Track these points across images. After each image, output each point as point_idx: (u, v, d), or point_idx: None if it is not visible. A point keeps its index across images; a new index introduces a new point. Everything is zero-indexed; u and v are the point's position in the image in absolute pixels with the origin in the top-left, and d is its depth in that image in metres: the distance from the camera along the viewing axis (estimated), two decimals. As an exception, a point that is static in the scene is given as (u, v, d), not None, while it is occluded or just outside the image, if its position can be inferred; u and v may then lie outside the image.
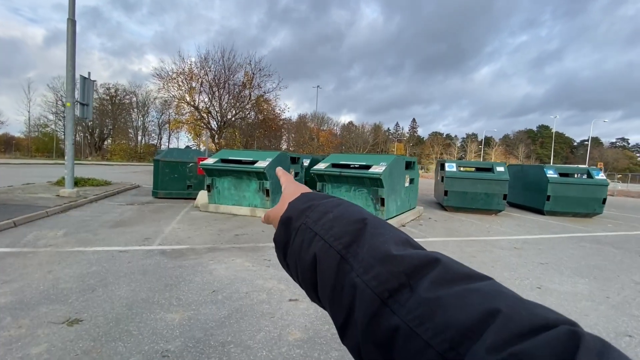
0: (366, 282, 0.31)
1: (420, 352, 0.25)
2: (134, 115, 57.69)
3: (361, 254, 0.33)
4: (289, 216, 0.42)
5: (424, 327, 0.26)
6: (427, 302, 0.27)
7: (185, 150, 10.20)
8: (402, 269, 0.30)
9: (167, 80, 20.04)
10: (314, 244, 0.37)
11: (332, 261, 0.34)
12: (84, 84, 7.99)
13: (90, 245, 4.36)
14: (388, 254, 0.32)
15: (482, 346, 0.23)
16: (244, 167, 6.95)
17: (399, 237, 0.35)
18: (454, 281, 0.28)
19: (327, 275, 0.35)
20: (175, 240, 4.82)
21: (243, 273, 3.60)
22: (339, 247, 0.35)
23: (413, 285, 0.29)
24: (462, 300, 0.26)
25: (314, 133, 47.27)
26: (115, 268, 3.56)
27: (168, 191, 9.13)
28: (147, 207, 7.64)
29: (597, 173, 9.35)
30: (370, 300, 0.30)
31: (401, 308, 0.28)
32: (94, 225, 5.46)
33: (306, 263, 0.37)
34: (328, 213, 0.39)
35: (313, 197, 0.43)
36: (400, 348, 0.27)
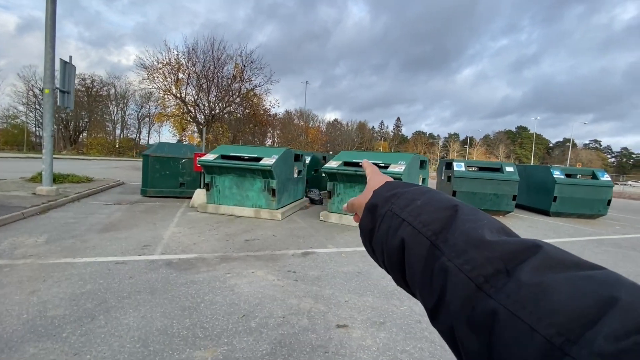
0: (458, 266, 0.30)
1: (524, 337, 0.23)
2: (112, 108, 55.14)
3: (452, 239, 0.32)
4: (374, 203, 0.42)
5: (527, 311, 0.24)
6: (529, 287, 0.25)
7: (177, 145, 9.45)
8: (498, 254, 0.29)
9: (151, 71, 18.91)
10: (402, 229, 0.37)
11: (422, 246, 0.34)
12: (64, 69, 7.13)
13: (80, 255, 3.69)
14: (482, 240, 0.30)
15: (599, 334, 0.21)
16: (249, 164, 6.35)
17: (493, 224, 0.33)
18: (559, 268, 0.26)
19: (416, 260, 0.34)
20: (180, 247, 4.21)
21: (270, 290, 3.06)
22: (428, 233, 0.34)
23: (510, 270, 0.27)
24: (572, 286, 0.24)
25: (302, 129, 46.56)
26: (115, 286, 2.94)
27: (159, 189, 8.38)
28: (137, 207, 6.91)
29: (602, 174, 9.29)
30: (463, 284, 0.29)
31: (498, 292, 0.26)
32: (81, 230, 4.75)
33: (393, 248, 0.37)
34: (415, 200, 0.39)
35: (398, 185, 0.44)
36: (500, 332, 0.25)
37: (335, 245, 4.73)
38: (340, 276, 3.52)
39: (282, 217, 6.43)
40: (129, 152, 53.13)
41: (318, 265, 3.85)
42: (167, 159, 8.39)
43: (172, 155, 8.44)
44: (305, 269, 3.67)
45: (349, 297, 3.00)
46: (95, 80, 50.33)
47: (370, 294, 3.10)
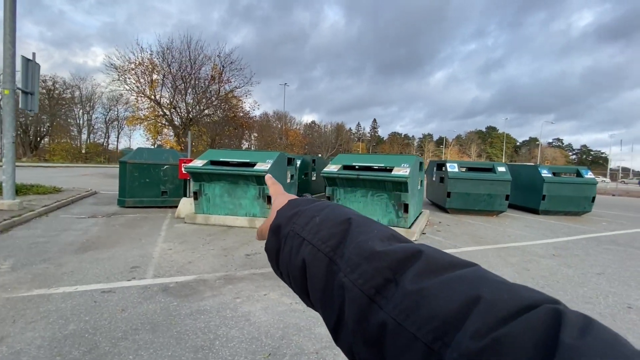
0: (353, 281, 0.31)
1: (409, 346, 0.25)
2: (76, 111, 51.96)
3: (347, 253, 0.33)
4: (278, 224, 0.42)
5: (410, 321, 0.26)
6: (412, 294, 0.27)
7: (157, 150, 8.76)
8: (387, 264, 0.30)
9: (122, 72, 17.76)
10: (303, 248, 0.37)
11: (321, 264, 0.34)
12: (27, 67, 6.35)
13: (56, 283, 3.13)
14: (372, 251, 0.31)
15: (466, 334, 0.23)
16: (242, 170, 5.89)
17: (384, 232, 0.35)
18: (437, 271, 0.28)
19: (316, 279, 0.35)
20: (174, 267, 3.71)
21: (291, 317, 2.67)
22: (326, 250, 0.35)
23: (398, 279, 0.29)
24: (445, 289, 0.26)
25: (282, 132, 45.83)
26: (105, 323, 2.44)
27: (138, 199, 7.69)
28: (116, 219, 6.25)
29: (585, 172, 9.53)
30: (358, 298, 0.30)
31: (388, 303, 0.28)
32: (53, 251, 4.12)
33: (296, 268, 0.37)
34: (314, 217, 0.39)
35: (299, 203, 0.43)
36: (390, 344, 0.27)
37: (344, 257, 4.38)
38: (363, 294, 3.18)
39: (278, 226, 6.00)
40: (97, 157, 50.30)
41: (334, 281, 3.48)
42: (147, 165, 7.73)
43: (153, 162, 7.79)
44: (322, 288, 3.30)
45: (382, 321, 2.66)
46: (57, 82, 47.30)
47: (402, 315, 2.77)
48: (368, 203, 5.83)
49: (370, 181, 5.60)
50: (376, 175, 5.50)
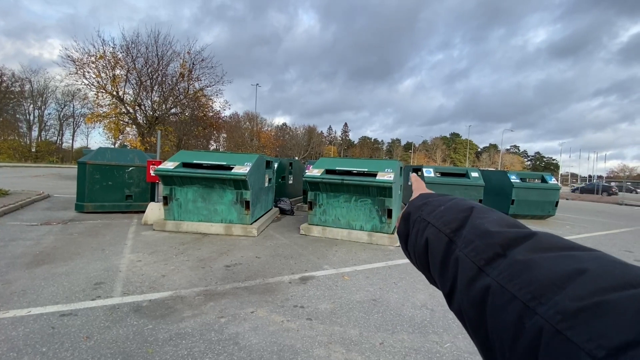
0: (466, 254, 0.35)
1: (507, 304, 0.27)
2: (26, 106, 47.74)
3: (465, 233, 0.37)
4: (408, 212, 0.49)
5: (512, 283, 0.28)
6: (518, 264, 0.29)
7: (122, 150, 8.08)
8: (499, 241, 0.33)
9: (81, 65, 16.41)
10: (427, 230, 0.42)
11: (441, 242, 0.39)
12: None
13: (4, 305, 2.66)
14: (486, 231, 0.35)
15: (566, 296, 0.24)
16: (219, 173, 5.52)
17: (501, 219, 0.37)
18: (549, 249, 0.29)
19: (436, 254, 0.39)
20: (146, 283, 3.32)
21: (284, 337, 2.43)
22: (447, 231, 0.39)
23: (507, 254, 0.31)
24: (552, 262, 0.27)
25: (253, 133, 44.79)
26: (67, 355, 2.06)
27: (99, 203, 7.03)
28: (75, 227, 5.63)
29: (549, 178, 10.06)
30: (469, 268, 0.33)
31: (494, 270, 0.31)
32: (0, 265, 3.57)
33: (420, 247, 0.43)
34: (440, 206, 0.43)
35: (429, 196, 0.49)
36: (491, 303, 0.29)
37: (331, 265, 4.20)
38: (357, 307, 3.00)
39: (257, 233, 5.71)
40: (49, 157, 46.51)
41: (324, 294, 3.28)
42: (110, 167, 7.10)
43: (117, 163, 7.18)
44: (312, 302, 3.08)
45: (382, 337, 2.50)
46: (5, 75, 43.22)
47: (402, 330, 2.63)
48: (352, 208, 5.69)
49: (355, 186, 5.47)
50: (361, 180, 5.37)
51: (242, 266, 4.00)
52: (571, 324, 0.22)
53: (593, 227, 8.94)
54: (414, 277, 3.89)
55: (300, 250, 4.84)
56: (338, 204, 5.75)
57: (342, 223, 5.76)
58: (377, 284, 3.62)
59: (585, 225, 9.25)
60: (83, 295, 2.93)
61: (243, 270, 3.85)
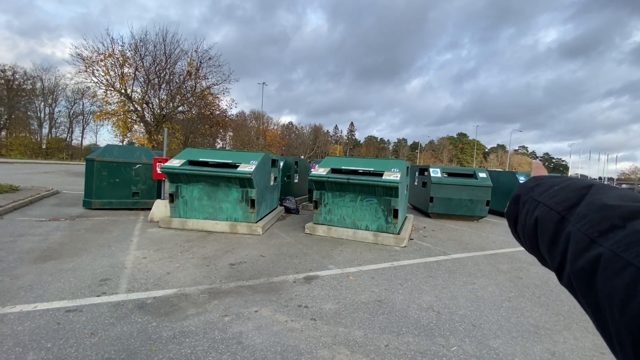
0: (578, 228, 0.33)
1: (622, 270, 0.27)
2: (37, 104, 48.44)
3: (579, 210, 0.35)
4: (518, 194, 0.48)
5: (629, 252, 0.27)
6: (637, 233, 0.28)
7: (129, 147, 8.14)
8: (618, 213, 0.31)
9: (90, 63, 16.59)
10: (537, 210, 0.41)
11: (552, 220, 0.38)
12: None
13: (11, 301, 2.68)
14: (604, 204, 0.33)
15: None
16: (225, 171, 5.52)
17: (626, 194, 0.35)
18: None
19: (546, 231, 0.39)
20: (151, 280, 3.33)
21: (288, 337, 2.41)
22: (559, 209, 0.38)
23: (627, 225, 0.30)
24: None
25: (260, 132, 44.91)
26: (71, 352, 2.07)
27: (107, 200, 7.09)
28: (82, 223, 5.69)
29: (559, 179, 9.89)
30: (579, 239, 0.32)
31: (607, 241, 0.30)
32: (8, 260, 3.61)
33: (529, 227, 0.42)
34: (554, 186, 0.42)
35: (542, 178, 0.47)
36: (603, 269, 0.29)
37: (336, 265, 4.17)
38: (362, 308, 2.97)
39: (262, 232, 5.70)
40: (59, 153, 47.13)
41: (329, 294, 3.26)
42: (118, 164, 7.16)
43: (124, 160, 7.23)
44: (317, 302, 3.06)
45: (387, 339, 2.46)
46: (17, 72, 43.89)
47: (407, 332, 2.59)
48: (357, 208, 5.65)
49: (361, 185, 5.43)
50: (367, 179, 5.33)
51: (246, 264, 3.99)
52: None
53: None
54: (420, 278, 3.84)
55: (305, 250, 4.82)
56: (343, 204, 5.71)
57: (348, 223, 5.73)
58: (382, 285, 3.58)
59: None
60: (89, 292, 2.95)
61: (247, 269, 3.84)
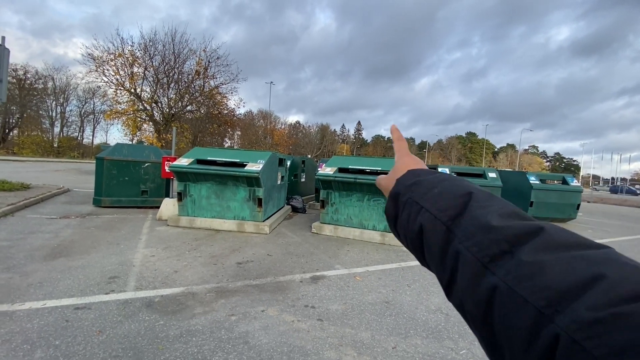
0: (467, 248, 0.32)
1: (519, 308, 0.26)
2: (49, 103, 49.35)
3: (464, 223, 0.34)
4: (397, 191, 0.45)
5: (523, 286, 0.27)
6: (527, 265, 0.27)
7: (138, 146, 8.22)
8: (504, 237, 0.31)
9: (100, 62, 16.82)
10: (421, 215, 0.39)
11: (438, 231, 0.36)
12: (-7, 51, 5.76)
13: (21, 297, 2.71)
14: (488, 225, 0.32)
15: (582, 305, 0.23)
16: (232, 170, 5.53)
17: (504, 208, 0.35)
18: (559, 248, 0.28)
19: (433, 243, 0.37)
20: (159, 278, 3.35)
21: (295, 337, 2.39)
22: (444, 219, 0.36)
23: (514, 251, 0.29)
24: (565, 265, 0.26)
25: (267, 131, 45.04)
26: (79, 349, 2.08)
27: (116, 198, 7.17)
28: (92, 221, 5.76)
29: (571, 180, 9.70)
30: (471, 263, 0.31)
31: (500, 269, 0.29)
32: (19, 257, 3.66)
33: (414, 233, 0.40)
34: (434, 188, 0.41)
35: (419, 174, 0.45)
36: (499, 304, 0.28)
37: (343, 265, 4.14)
38: (369, 309, 2.94)
39: (269, 230, 5.70)
40: (70, 152, 47.94)
41: (336, 294, 3.23)
42: (127, 162, 7.23)
43: (133, 159, 7.30)
44: (324, 302, 3.03)
45: (395, 342, 2.43)
46: (29, 72, 44.73)
47: (415, 334, 2.55)
48: (364, 208, 5.61)
49: (368, 185, 5.39)
50: (374, 179, 5.28)
51: (253, 263, 3.99)
52: (589, 335, 0.22)
53: (616, 232, 8.57)
54: (428, 279, 3.79)
55: (312, 249, 4.80)
56: (350, 203, 5.68)
57: (355, 222, 5.69)
58: (389, 286, 3.54)
59: (608, 230, 8.88)
60: (97, 289, 2.97)
61: (254, 268, 3.83)
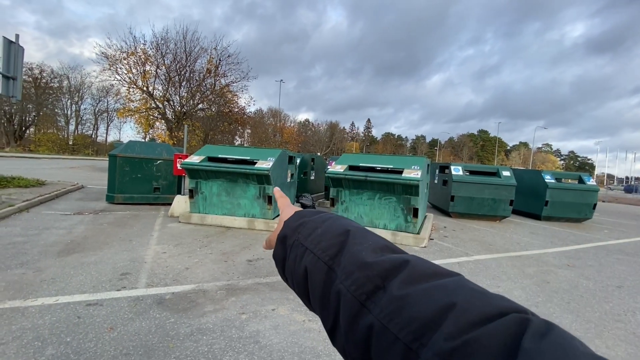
0: (347, 288, 0.33)
1: (391, 346, 0.27)
2: (64, 101, 50.41)
3: (344, 262, 0.35)
4: (284, 234, 0.44)
5: (394, 322, 0.27)
6: (396, 300, 0.28)
7: (150, 143, 8.29)
8: (377, 272, 0.31)
9: (113, 61, 17.06)
10: (305, 257, 0.39)
11: (321, 272, 0.36)
12: (9, 49, 5.86)
13: (34, 293, 2.74)
14: (364, 261, 0.33)
15: (441, 335, 0.24)
16: (243, 168, 5.52)
17: (377, 244, 0.36)
18: (421, 279, 0.29)
19: (316, 285, 0.37)
20: (170, 275, 3.34)
21: (306, 338, 2.35)
22: (325, 259, 0.37)
23: (386, 286, 0.30)
24: (425, 296, 0.27)
25: (277, 129, 45.17)
26: (90, 346, 2.08)
27: (129, 195, 7.25)
28: (105, 217, 5.82)
29: (588, 179, 9.42)
30: (350, 303, 0.31)
31: (375, 307, 0.29)
32: (33, 253, 3.71)
33: (299, 275, 0.40)
34: (317, 229, 0.41)
35: (304, 215, 0.45)
36: (375, 344, 0.28)
37: (353, 265, 4.07)
38: (381, 310, 2.87)
39: (279, 228, 5.67)
40: (85, 149, 48.95)
41: (347, 294, 3.17)
42: (139, 160, 7.29)
43: (145, 156, 7.36)
44: (335, 302, 2.98)
45: (408, 344, 2.36)
46: (44, 71, 45.74)
47: (429, 337, 2.48)
48: (375, 206, 5.53)
49: (379, 183, 5.30)
50: (386, 177, 5.20)
51: (263, 261, 3.96)
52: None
53: (633, 232, 8.29)
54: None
55: (322, 248, 4.75)
56: (361, 202, 5.60)
57: (365, 221, 5.62)
58: (402, 286, 3.47)
59: (624, 230, 8.59)
60: (109, 286, 2.98)
61: (265, 266, 3.81)
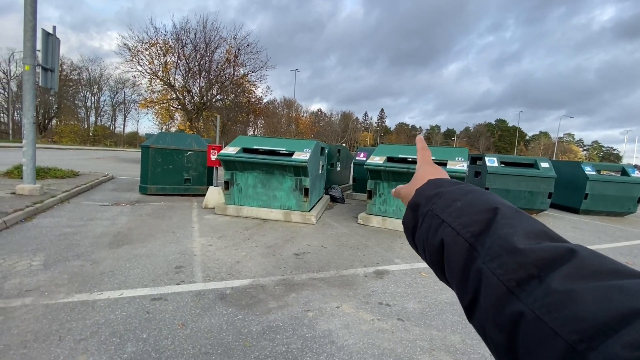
0: (492, 270, 0.30)
1: (547, 340, 0.24)
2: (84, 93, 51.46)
3: (489, 242, 0.32)
4: (416, 202, 0.43)
5: (552, 316, 0.25)
6: (557, 294, 0.26)
7: (180, 135, 8.29)
8: (532, 260, 0.29)
9: (135, 52, 17.16)
10: (442, 230, 0.37)
11: (461, 248, 0.34)
12: (47, 41, 5.87)
13: (97, 287, 2.72)
14: (514, 246, 0.30)
15: (618, 341, 0.21)
16: (280, 159, 5.42)
17: (531, 228, 0.32)
18: (593, 276, 0.26)
19: (454, 260, 0.35)
20: (223, 269, 3.30)
21: (380, 339, 2.24)
22: (467, 235, 0.34)
23: (543, 276, 0.27)
24: (600, 296, 0.24)
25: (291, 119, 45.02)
26: (168, 344, 2.03)
27: (161, 186, 7.28)
28: (142, 208, 5.86)
29: (632, 171, 8.94)
30: (495, 286, 0.30)
31: (528, 296, 0.27)
32: (85, 244, 3.73)
33: (434, 247, 0.38)
34: (456, 201, 0.38)
35: (441, 184, 0.43)
36: (525, 333, 0.26)
37: (402, 259, 3.95)
38: (448, 310, 2.75)
39: (315, 221, 5.58)
40: (105, 140, 50.05)
41: (406, 291, 3.06)
42: (171, 151, 7.29)
43: (176, 147, 7.35)
44: (397, 299, 2.87)
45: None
46: (65, 64, 46.66)
47: (509, 340, 2.34)
48: (416, 199, 5.36)
49: (421, 175, 5.12)
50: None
51: (311, 255, 3.88)
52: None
53: (685, 228, 7.86)
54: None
55: (364, 241, 4.64)
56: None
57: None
58: (460, 283, 3.33)
59: (675, 225, 8.15)
60: (167, 279, 2.95)
61: (313, 260, 3.72)
